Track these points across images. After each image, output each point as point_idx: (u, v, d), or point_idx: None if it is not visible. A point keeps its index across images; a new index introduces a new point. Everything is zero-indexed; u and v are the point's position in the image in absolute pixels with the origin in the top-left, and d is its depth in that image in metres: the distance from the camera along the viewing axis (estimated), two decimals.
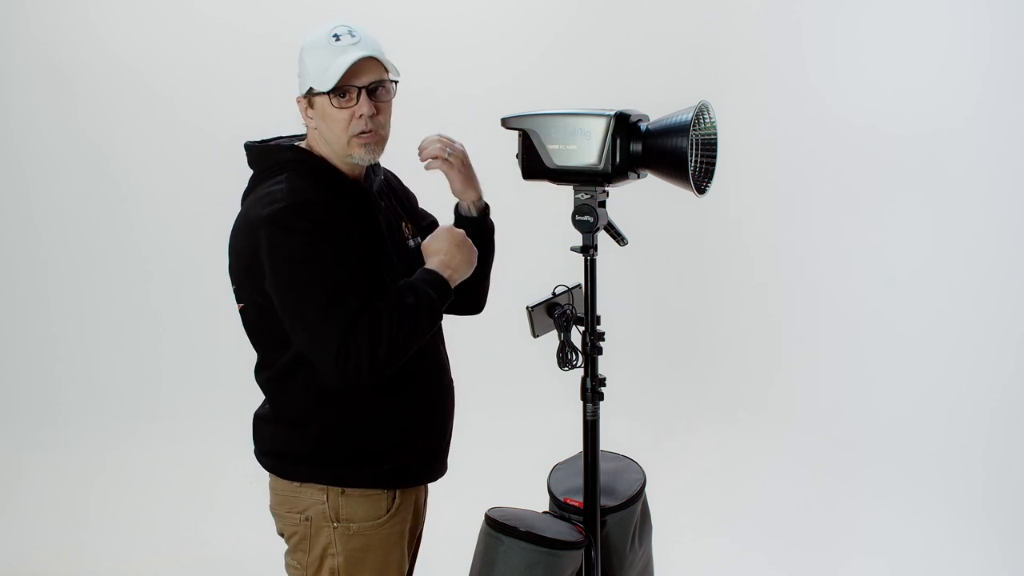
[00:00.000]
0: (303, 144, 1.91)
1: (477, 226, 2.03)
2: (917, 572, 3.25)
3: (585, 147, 1.87)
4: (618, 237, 2.01)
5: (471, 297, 2.08)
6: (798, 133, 4.13)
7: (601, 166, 1.86)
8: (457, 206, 2.06)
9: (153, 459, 4.11)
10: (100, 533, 3.63)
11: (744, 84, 4.29)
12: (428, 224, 2.09)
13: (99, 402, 4.35)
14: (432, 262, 1.85)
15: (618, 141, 1.85)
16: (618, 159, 1.86)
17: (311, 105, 1.83)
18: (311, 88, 1.80)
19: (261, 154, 1.90)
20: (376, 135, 1.84)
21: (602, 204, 1.95)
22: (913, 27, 3.70)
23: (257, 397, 1.99)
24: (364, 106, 1.80)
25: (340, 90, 1.78)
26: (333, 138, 1.83)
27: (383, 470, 1.86)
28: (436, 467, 1.98)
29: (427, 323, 1.79)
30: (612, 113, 1.85)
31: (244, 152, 1.94)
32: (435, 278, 1.82)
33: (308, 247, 1.72)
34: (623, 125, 1.85)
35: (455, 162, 1.96)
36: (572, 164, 1.89)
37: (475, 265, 1.90)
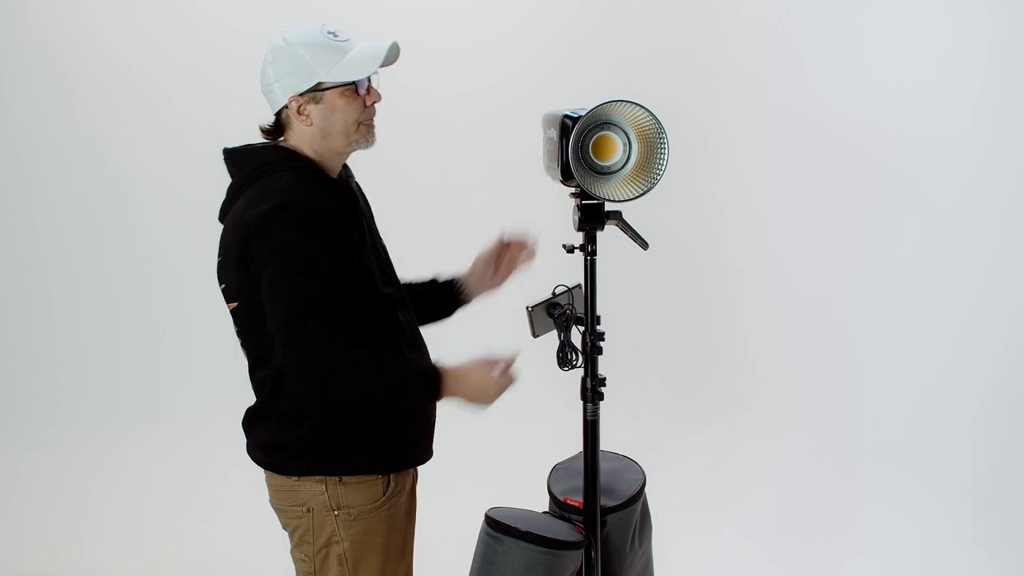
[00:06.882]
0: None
1: (458, 303, 2.17)
2: (916, 572, 3.25)
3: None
4: (638, 239, 2.01)
5: (431, 312, 2.17)
6: (797, 133, 4.12)
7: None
8: (462, 284, 2.16)
9: (153, 459, 4.12)
10: (100, 533, 3.63)
11: (743, 84, 4.28)
12: None
13: (99, 402, 4.35)
14: (452, 371, 1.85)
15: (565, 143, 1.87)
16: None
17: (314, 101, 1.82)
18: (319, 83, 1.80)
19: (246, 156, 1.87)
20: (373, 121, 1.89)
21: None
22: (913, 27, 3.69)
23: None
24: (376, 94, 1.86)
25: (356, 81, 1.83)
26: (340, 129, 1.83)
27: (376, 456, 1.88)
28: (424, 450, 2.00)
29: (394, 398, 1.82)
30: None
31: (225, 158, 1.91)
32: (435, 377, 1.84)
33: (310, 257, 1.71)
34: (567, 128, 1.87)
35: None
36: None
37: (481, 407, 1.89)
